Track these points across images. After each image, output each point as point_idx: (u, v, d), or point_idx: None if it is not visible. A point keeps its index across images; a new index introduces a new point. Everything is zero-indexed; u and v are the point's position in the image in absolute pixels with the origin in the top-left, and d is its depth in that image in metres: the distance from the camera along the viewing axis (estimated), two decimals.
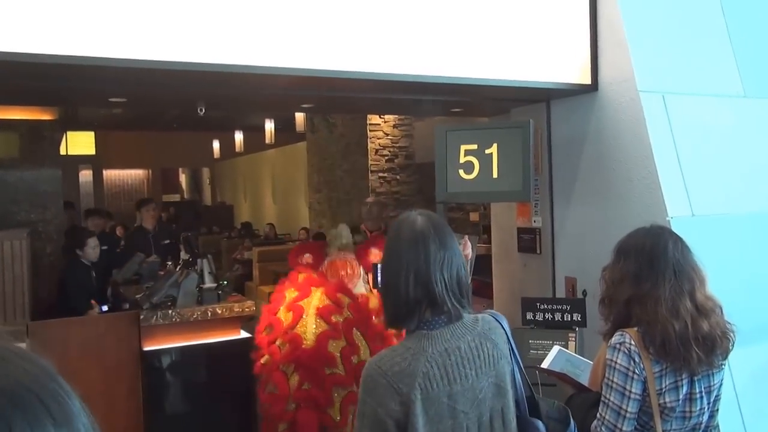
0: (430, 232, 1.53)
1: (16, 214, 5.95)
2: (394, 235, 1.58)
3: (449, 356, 1.48)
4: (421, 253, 1.50)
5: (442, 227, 1.57)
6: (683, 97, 3.21)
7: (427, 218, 1.57)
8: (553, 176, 3.68)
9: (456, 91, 3.36)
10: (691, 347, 1.80)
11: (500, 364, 1.55)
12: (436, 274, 1.50)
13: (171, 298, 4.33)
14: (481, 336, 1.54)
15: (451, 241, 1.56)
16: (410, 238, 1.53)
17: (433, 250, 1.51)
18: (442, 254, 1.52)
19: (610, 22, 3.25)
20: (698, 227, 2.94)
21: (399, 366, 1.45)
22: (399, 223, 1.60)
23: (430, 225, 1.55)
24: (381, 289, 1.62)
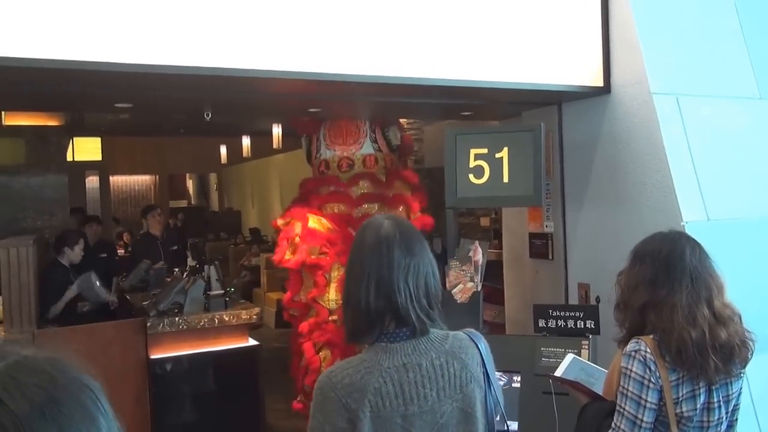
0: (395, 236, 1.42)
1: (22, 221, 5.97)
2: (358, 240, 1.47)
3: (407, 372, 1.36)
4: (384, 260, 1.39)
5: (411, 232, 1.47)
6: (697, 99, 3.19)
7: (395, 222, 1.47)
8: (565, 180, 3.66)
9: (466, 95, 3.36)
10: (709, 356, 1.78)
11: (469, 388, 1.41)
12: (400, 282, 1.39)
13: (178, 306, 4.35)
14: (448, 354, 1.42)
15: (420, 247, 1.45)
16: (374, 243, 1.42)
17: (398, 257, 1.40)
18: (408, 261, 1.40)
19: (623, 23, 3.24)
20: (714, 232, 2.92)
21: (350, 379, 1.34)
22: (364, 227, 1.50)
23: (396, 229, 1.44)
24: (342, 299, 1.50)
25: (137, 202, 15.68)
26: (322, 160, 4.30)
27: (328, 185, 4.23)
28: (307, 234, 3.99)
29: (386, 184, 4.24)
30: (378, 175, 4.26)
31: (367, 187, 4.20)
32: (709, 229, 2.93)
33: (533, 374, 2.95)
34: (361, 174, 4.23)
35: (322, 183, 4.26)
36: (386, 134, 4.30)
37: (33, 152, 6.27)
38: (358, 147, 4.25)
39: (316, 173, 4.35)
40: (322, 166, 4.29)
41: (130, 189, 16.49)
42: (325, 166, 4.28)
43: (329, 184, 4.23)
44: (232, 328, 4.42)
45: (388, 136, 4.30)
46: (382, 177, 4.26)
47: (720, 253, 1.95)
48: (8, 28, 2.17)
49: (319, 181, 4.28)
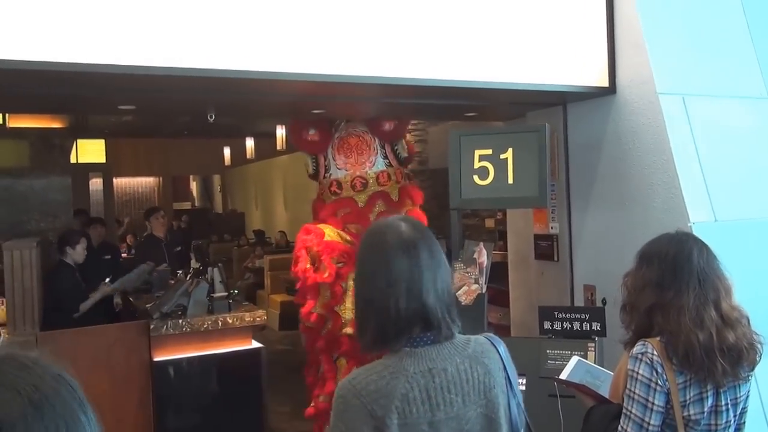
0: (419, 239, 1.39)
1: (26, 223, 5.99)
2: (378, 242, 1.40)
3: (433, 378, 1.33)
4: (414, 264, 1.35)
5: (430, 235, 1.44)
6: (704, 99, 3.18)
7: (413, 225, 1.43)
8: (571, 181, 3.65)
9: (470, 95, 3.35)
10: (716, 358, 1.77)
11: (492, 393, 1.38)
12: (429, 286, 1.35)
13: (181, 308, 4.35)
14: (471, 359, 1.38)
15: (439, 249, 1.42)
16: (399, 246, 1.37)
17: (425, 260, 1.36)
18: (434, 263, 1.38)
19: (628, 23, 3.23)
20: (721, 233, 2.90)
21: (375, 385, 1.29)
22: (380, 229, 1.43)
23: (418, 232, 1.41)
24: (359, 306, 1.43)
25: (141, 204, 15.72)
26: (333, 180, 4.20)
27: (344, 208, 4.18)
28: (326, 246, 3.99)
29: (399, 203, 4.21)
30: (391, 193, 4.23)
31: (381, 206, 4.18)
32: (716, 230, 2.91)
33: (538, 377, 2.94)
34: (377, 194, 4.18)
35: (339, 207, 4.19)
36: (395, 149, 4.27)
37: (37, 154, 6.29)
38: (371, 165, 4.19)
39: (326, 192, 4.25)
40: (333, 186, 4.19)
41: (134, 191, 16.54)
42: (337, 186, 4.19)
43: (345, 207, 4.18)
44: (236, 331, 4.41)
45: (397, 150, 4.27)
46: (394, 195, 4.23)
47: (727, 254, 1.94)
48: (12, 31, 2.18)
49: (336, 205, 4.20)
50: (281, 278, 9.21)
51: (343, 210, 4.16)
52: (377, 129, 4.17)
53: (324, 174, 4.27)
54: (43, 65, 2.24)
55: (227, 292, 4.71)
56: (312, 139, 4.01)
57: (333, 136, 4.14)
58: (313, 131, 4.00)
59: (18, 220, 6.00)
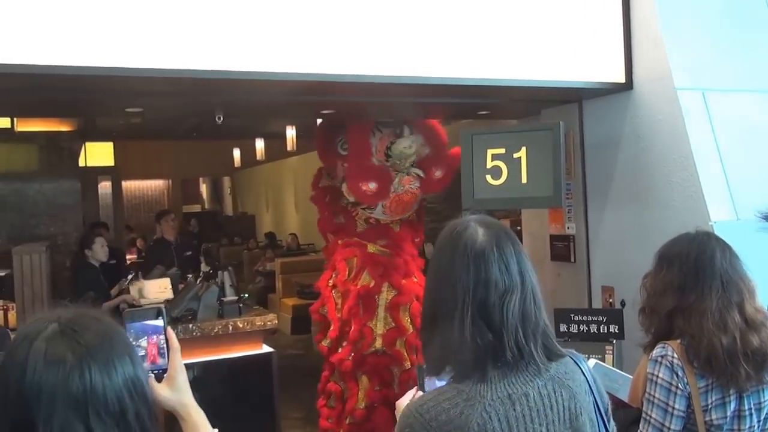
0: (497, 246, 1.22)
1: (35, 228, 6.05)
2: (449, 249, 1.25)
3: (513, 405, 1.18)
4: (482, 281, 1.20)
5: (513, 239, 1.27)
6: (724, 94, 3.14)
7: (492, 228, 1.26)
8: (587, 180, 3.63)
9: (484, 93, 3.34)
10: (740, 363, 1.74)
11: (579, 421, 1.23)
12: (506, 311, 1.19)
13: (191, 312, 4.37)
14: (554, 382, 1.23)
15: (523, 257, 1.26)
16: (472, 254, 1.21)
17: (497, 278, 1.21)
18: (515, 275, 1.22)
19: (645, 17, 3.20)
20: (743, 232, 2.87)
21: (447, 414, 1.15)
22: (455, 233, 1.27)
23: (497, 237, 1.24)
24: (426, 321, 1.28)
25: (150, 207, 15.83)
26: (372, 217, 4.18)
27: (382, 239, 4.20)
28: (368, 258, 4.06)
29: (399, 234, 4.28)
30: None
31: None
32: (738, 229, 2.88)
33: None
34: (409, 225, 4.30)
35: (378, 236, 4.19)
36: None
37: (46, 158, 6.35)
38: (410, 212, 4.25)
39: (360, 221, 4.21)
40: (372, 219, 4.18)
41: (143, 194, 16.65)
42: (375, 221, 4.19)
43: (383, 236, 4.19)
44: (247, 335, 4.42)
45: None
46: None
47: (750, 254, 1.92)
48: (19, 35, 2.20)
49: (375, 232, 4.18)
50: (293, 281, 9.23)
51: (379, 236, 4.14)
52: (428, 184, 4.11)
53: (365, 207, 4.14)
54: (51, 69, 2.26)
55: (238, 295, 4.72)
56: (370, 193, 3.87)
57: (390, 191, 3.98)
58: (373, 185, 3.86)
59: (27, 224, 6.07)
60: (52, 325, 0.94)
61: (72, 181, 6.38)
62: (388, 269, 4.05)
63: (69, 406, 0.88)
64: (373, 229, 4.16)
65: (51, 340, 0.92)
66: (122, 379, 0.93)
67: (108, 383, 0.91)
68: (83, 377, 0.90)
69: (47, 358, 0.90)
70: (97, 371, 0.91)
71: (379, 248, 4.14)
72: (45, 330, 0.93)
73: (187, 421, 1.30)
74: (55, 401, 0.88)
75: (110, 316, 1.03)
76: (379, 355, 4.01)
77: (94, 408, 0.89)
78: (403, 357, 4.01)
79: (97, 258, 5.05)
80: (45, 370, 0.89)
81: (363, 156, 3.97)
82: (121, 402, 0.92)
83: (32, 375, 0.89)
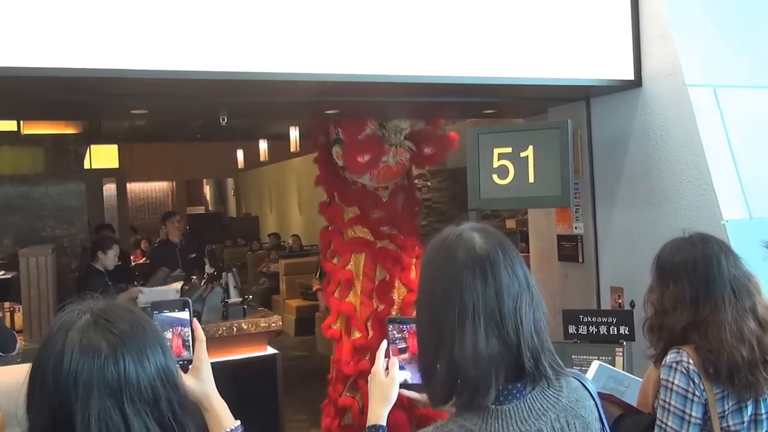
0: (498, 255, 1.11)
1: (41, 230, 6.09)
2: (445, 259, 1.13)
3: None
4: (492, 287, 1.08)
5: (511, 248, 1.16)
6: (736, 91, 3.09)
7: (489, 236, 1.15)
8: (595, 179, 3.58)
9: (490, 92, 3.30)
10: (759, 372, 1.71)
11: None
12: (517, 317, 1.08)
13: (196, 314, 4.32)
14: (567, 412, 1.11)
15: (524, 267, 1.14)
16: (473, 264, 1.09)
17: (507, 282, 1.09)
18: (519, 287, 1.10)
19: (653, 12, 3.15)
20: (756, 231, 2.81)
21: None
22: (448, 242, 1.15)
23: (496, 245, 1.13)
24: (423, 344, 1.16)
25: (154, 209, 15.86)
26: (360, 183, 4.24)
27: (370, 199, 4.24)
28: (378, 253, 4.11)
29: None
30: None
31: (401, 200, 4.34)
32: (751, 228, 2.83)
33: None
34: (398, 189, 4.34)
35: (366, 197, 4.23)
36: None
37: (51, 161, 6.38)
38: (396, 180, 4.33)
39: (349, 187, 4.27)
40: (358, 185, 4.25)
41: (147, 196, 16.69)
42: (362, 185, 4.25)
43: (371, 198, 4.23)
44: (251, 337, 4.41)
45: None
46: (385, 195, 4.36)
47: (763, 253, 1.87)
48: (24, 38, 2.21)
49: (362, 194, 4.23)
50: (297, 282, 9.20)
51: (369, 200, 4.22)
52: (419, 159, 4.26)
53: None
54: (56, 71, 2.27)
55: (242, 297, 4.71)
56: (363, 163, 4.02)
57: (380, 160, 4.11)
58: (368, 157, 4.01)
59: (33, 226, 6.12)
60: (85, 316, 0.98)
61: (77, 184, 6.42)
62: (398, 264, 4.10)
63: (105, 393, 0.92)
64: (361, 193, 4.23)
65: (86, 331, 0.96)
66: (154, 368, 0.97)
67: (141, 371, 0.96)
68: (117, 365, 0.94)
69: (82, 348, 0.94)
70: (131, 360, 0.95)
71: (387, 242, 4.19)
72: (79, 320, 0.97)
73: (209, 412, 1.30)
74: (91, 389, 0.92)
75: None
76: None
77: (128, 395, 0.94)
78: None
79: (106, 265, 5.05)
80: (81, 358, 0.93)
81: (358, 126, 4.07)
82: (154, 390, 0.96)
83: (69, 364, 0.93)
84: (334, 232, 4.31)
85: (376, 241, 4.16)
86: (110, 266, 5.07)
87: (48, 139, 6.36)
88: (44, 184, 6.20)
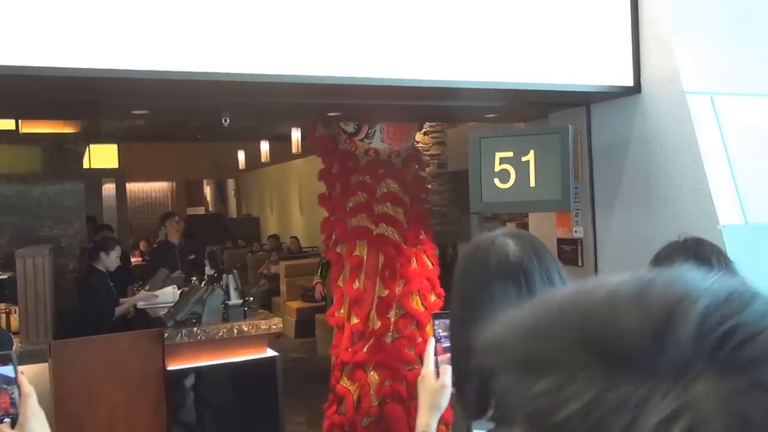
0: (533, 263, 1.09)
1: (38, 230, 6.04)
2: (476, 266, 1.11)
3: None
4: (525, 298, 1.05)
5: (547, 254, 1.14)
6: (734, 98, 3.15)
7: (524, 242, 1.12)
8: (595, 184, 3.64)
9: (492, 97, 3.35)
10: None
11: None
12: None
13: (196, 316, 4.40)
14: None
15: (560, 275, 1.12)
16: (505, 273, 1.07)
17: (541, 290, 1.08)
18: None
19: (653, 19, 3.22)
20: (752, 236, 2.88)
21: None
22: (481, 248, 1.13)
23: (530, 251, 1.11)
24: (459, 362, 1.14)
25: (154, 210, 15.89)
26: (372, 148, 4.33)
27: (382, 168, 4.33)
28: (374, 241, 4.19)
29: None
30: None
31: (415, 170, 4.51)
32: (747, 233, 2.89)
33: None
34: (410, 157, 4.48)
35: (378, 166, 4.31)
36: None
37: (50, 160, 6.36)
38: (409, 141, 4.49)
39: (361, 154, 4.32)
40: (371, 152, 4.33)
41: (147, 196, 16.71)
42: (375, 152, 4.34)
43: (383, 166, 4.33)
44: (251, 339, 4.45)
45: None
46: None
47: (759, 257, 1.93)
48: (25, 37, 2.22)
49: (374, 165, 4.30)
50: (297, 284, 9.26)
51: (381, 168, 4.31)
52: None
53: (363, 137, 4.32)
54: (57, 71, 2.27)
55: (242, 299, 4.75)
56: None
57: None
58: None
59: (31, 226, 6.06)
60: None
61: (76, 183, 6.38)
62: (399, 251, 4.18)
63: None
64: (374, 163, 4.28)
65: None
66: None
67: None
68: None
69: None
70: None
71: (387, 229, 4.26)
72: None
73: None
74: None
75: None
76: (396, 339, 4.16)
77: None
78: (416, 335, 4.16)
79: (107, 266, 5.09)
80: None
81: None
82: None
83: None
84: (336, 221, 4.34)
85: (375, 228, 4.21)
86: (112, 267, 5.11)
87: (46, 138, 6.33)
88: (42, 183, 6.13)
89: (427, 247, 4.36)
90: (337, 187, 4.37)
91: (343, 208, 4.28)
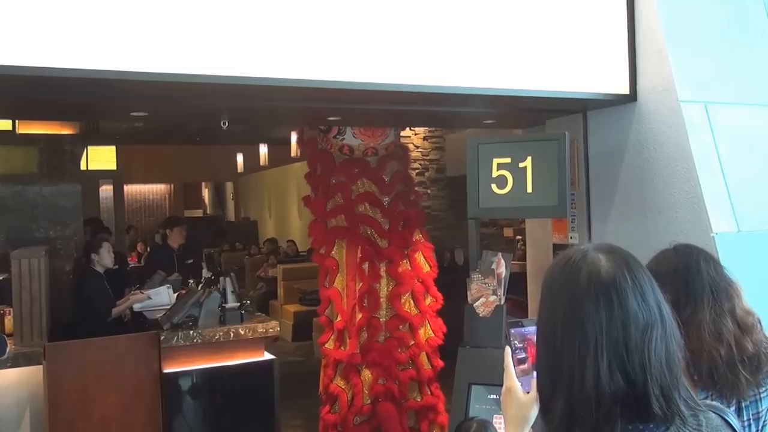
0: (626, 280, 1.05)
1: (34, 231, 6.00)
2: (566, 281, 1.07)
3: None
4: (618, 317, 1.01)
5: (641, 269, 1.10)
6: (727, 107, 3.21)
7: (616, 257, 1.09)
8: (591, 191, 3.69)
9: (490, 103, 3.40)
10: (739, 371, 1.77)
11: None
12: (645, 350, 0.99)
13: (192, 318, 4.43)
14: None
15: (655, 294, 1.08)
16: (596, 290, 1.03)
17: (635, 312, 1.02)
18: (649, 315, 1.02)
19: (649, 29, 3.27)
20: (744, 244, 2.93)
21: None
22: (567, 265, 1.09)
23: (623, 267, 1.07)
24: (541, 372, 1.10)
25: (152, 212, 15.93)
26: (345, 144, 4.36)
27: (357, 167, 4.33)
28: (354, 239, 4.23)
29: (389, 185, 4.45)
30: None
31: (393, 166, 4.44)
32: (739, 241, 2.94)
33: None
34: (389, 155, 4.43)
35: (353, 166, 4.31)
36: None
37: (47, 161, 6.35)
38: (384, 138, 4.44)
39: (336, 152, 4.35)
40: (345, 149, 4.36)
41: (145, 198, 16.74)
42: (349, 150, 4.36)
43: (359, 166, 4.32)
44: (248, 342, 4.47)
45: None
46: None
47: (751, 265, 1.97)
48: (23, 37, 2.23)
49: (349, 165, 4.31)
50: (295, 288, 9.30)
51: (357, 168, 4.31)
52: None
53: (335, 134, 4.35)
54: (56, 71, 2.29)
55: (239, 302, 4.78)
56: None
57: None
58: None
59: (27, 227, 6.01)
60: None
61: (73, 185, 6.35)
62: (375, 254, 4.20)
63: None
64: (349, 162, 4.29)
65: None
66: None
67: None
68: None
69: None
70: None
71: (366, 230, 4.27)
72: None
73: None
74: None
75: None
76: (386, 338, 4.18)
77: None
78: (408, 337, 4.19)
79: (103, 263, 5.09)
80: None
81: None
82: None
83: None
84: (318, 223, 4.39)
85: (354, 229, 4.24)
86: (108, 263, 5.10)
87: (43, 140, 6.31)
88: (38, 184, 6.06)
89: (424, 249, 4.39)
90: (319, 189, 4.42)
91: (323, 209, 4.33)
